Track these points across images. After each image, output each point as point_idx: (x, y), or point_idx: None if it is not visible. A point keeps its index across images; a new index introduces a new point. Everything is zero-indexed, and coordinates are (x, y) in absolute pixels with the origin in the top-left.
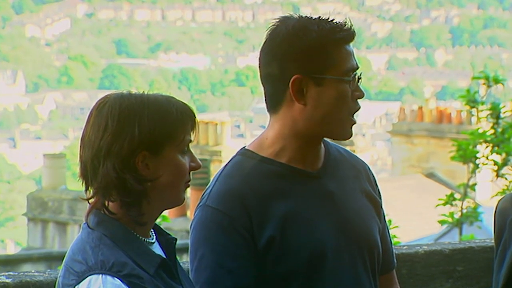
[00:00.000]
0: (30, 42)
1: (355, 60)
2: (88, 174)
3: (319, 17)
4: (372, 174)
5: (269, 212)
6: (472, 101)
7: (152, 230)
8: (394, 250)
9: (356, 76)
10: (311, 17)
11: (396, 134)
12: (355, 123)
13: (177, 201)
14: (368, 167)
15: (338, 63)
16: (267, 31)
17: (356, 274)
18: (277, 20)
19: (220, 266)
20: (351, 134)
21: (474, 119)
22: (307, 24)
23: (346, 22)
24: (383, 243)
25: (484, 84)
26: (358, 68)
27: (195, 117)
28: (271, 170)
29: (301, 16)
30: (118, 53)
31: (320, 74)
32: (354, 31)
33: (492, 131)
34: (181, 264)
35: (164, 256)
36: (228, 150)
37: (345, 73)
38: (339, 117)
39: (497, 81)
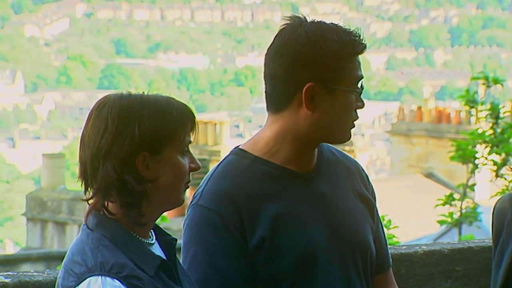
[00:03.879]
0: (29, 42)
1: (361, 70)
2: (87, 174)
3: (336, 24)
4: (365, 174)
5: (260, 213)
6: (472, 101)
7: (152, 230)
8: (389, 250)
9: (362, 87)
10: (329, 24)
11: (395, 134)
12: (354, 126)
13: (177, 201)
14: (361, 167)
15: (351, 74)
16: (281, 30)
17: (347, 275)
18: (292, 21)
19: (212, 265)
20: (350, 137)
21: (473, 119)
22: (327, 33)
23: (359, 33)
24: (377, 243)
25: (483, 84)
26: (363, 77)
27: (195, 118)
28: (263, 170)
29: (317, 21)
30: (117, 53)
31: (334, 84)
32: (366, 43)
33: (491, 131)
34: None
35: (164, 257)
36: (227, 150)
37: (354, 84)
38: (342, 126)
39: (496, 81)
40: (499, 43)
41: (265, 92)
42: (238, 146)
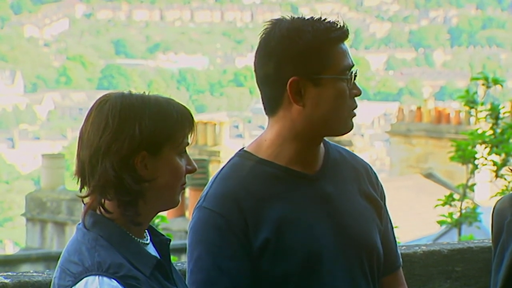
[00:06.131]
0: (28, 42)
1: (351, 58)
2: (85, 172)
3: (312, 17)
4: (375, 175)
5: (264, 215)
6: (471, 102)
7: (146, 231)
8: (399, 250)
9: (353, 74)
10: (304, 18)
11: (395, 135)
12: (355, 115)
13: (173, 202)
14: (370, 167)
15: (335, 62)
16: (261, 34)
17: (353, 277)
18: (270, 23)
19: (217, 267)
20: (352, 127)
21: (472, 119)
22: (301, 26)
23: (339, 21)
24: (385, 243)
25: (483, 85)
26: (353, 65)
27: (194, 120)
28: (268, 172)
29: (294, 17)
30: (116, 53)
31: (318, 75)
32: (347, 30)
33: (491, 131)
34: (179, 265)
35: (159, 257)
36: (227, 150)
37: (342, 71)
38: (339, 115)
39: (496, 82)
40: (499, 44)
41: (261, 96)
42: (242, 148)
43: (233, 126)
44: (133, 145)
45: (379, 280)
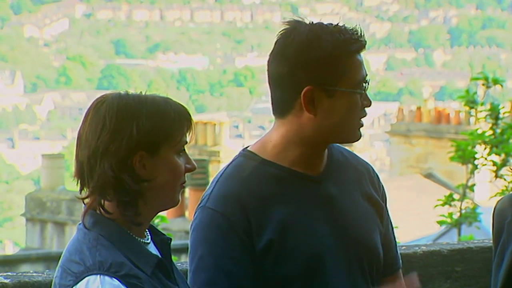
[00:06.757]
0: (28, 42)
1: (365, 69)
2: (84, 173)
3: (331, 24)
4: (377, 176)
5: (268, 216)
6: (471, 102)
7: (147, 230)
8: (399, 252)
9: (366, 86)
10: (324, 24)
11: (395, 135)
12: (362, 125)
13: (173, 202)
14: (372, 168)
15: (351, 74)
16: (278, 36)
17: (354, 279)
18: (289, 25)
19: (218, 267)
20: (360, 136)
21: (472, 119)
22: (320, 34)
23: (357, 30)
24: (386, 245)
25: (483, 85)
26: (367, 75)
27: (192, 119)
28: (271, 173)
29: (313, 23)
30: (116, 54)
31: (333, 86)
32: (365, 40)
33: (491, 131)
34: (179, 265)
35: (160, 256)
36: (227, 150)
37: (357, 84)
38: (349, 126)
39: (496, 82)
40: (499, 44)
41: (270, 97)
42: (246, 148)
43: (233, 126)
44: (131, 145)
45: (378, 282)
